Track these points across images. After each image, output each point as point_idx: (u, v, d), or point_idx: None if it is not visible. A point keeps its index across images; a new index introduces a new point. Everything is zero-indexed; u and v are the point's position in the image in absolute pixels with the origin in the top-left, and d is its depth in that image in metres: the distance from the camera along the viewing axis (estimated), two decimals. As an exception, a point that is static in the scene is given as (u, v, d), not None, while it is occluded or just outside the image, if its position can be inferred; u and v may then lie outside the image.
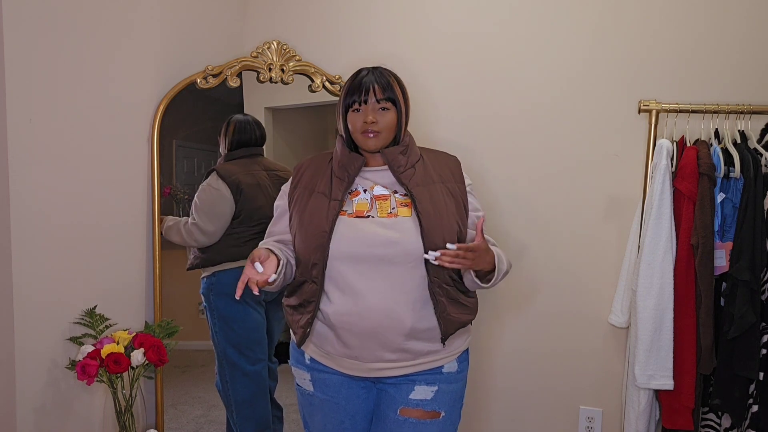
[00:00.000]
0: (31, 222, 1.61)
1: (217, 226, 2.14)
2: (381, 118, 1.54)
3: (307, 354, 1.60)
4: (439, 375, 1.57)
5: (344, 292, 1.50)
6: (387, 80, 1.56)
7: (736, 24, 2.03)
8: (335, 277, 1.50)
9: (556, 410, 2.31)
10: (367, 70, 1.57)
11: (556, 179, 2.23)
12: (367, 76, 1.56)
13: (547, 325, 2.29)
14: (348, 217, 1.52)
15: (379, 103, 1.54)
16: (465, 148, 2.31)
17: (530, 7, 2.22)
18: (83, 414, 1.80)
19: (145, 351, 1.75)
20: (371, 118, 1.52)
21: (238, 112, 2.31)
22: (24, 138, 1.58)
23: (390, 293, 1.48)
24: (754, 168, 1.88)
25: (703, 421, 2.02)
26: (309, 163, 1.65)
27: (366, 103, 1.53)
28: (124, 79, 1.89)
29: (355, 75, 1.57)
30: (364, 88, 1.53)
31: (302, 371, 1.62)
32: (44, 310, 1.67)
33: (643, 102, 2.06)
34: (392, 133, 1.57)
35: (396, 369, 1.53)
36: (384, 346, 1.50)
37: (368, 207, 1.54)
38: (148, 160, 2.01)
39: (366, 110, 1.53)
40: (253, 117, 2.29)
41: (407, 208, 1.54)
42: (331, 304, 1.51)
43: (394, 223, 1.52)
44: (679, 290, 1.93)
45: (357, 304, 1.48)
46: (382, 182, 1.58)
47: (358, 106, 1.54)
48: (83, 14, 1.73)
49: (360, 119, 1.53)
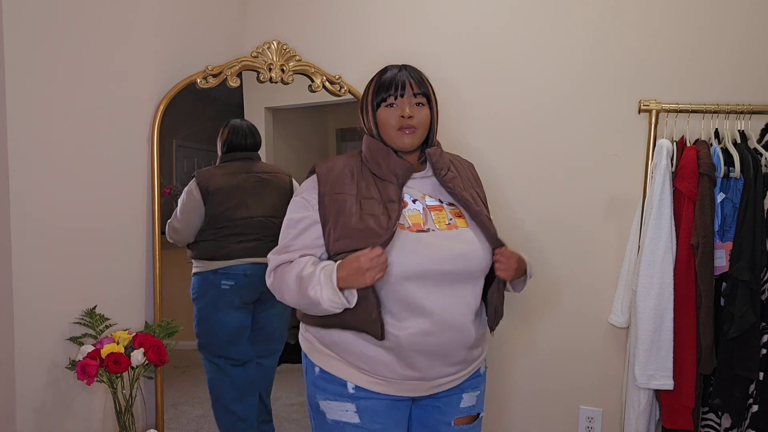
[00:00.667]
0: (31, 222, 1.61)
1: (185, 227, 2.16)
2: (417, 113, 1.47)
3: (351, 383, 1.44)
4: (479, 378, 1.57)
5: (415, 312, 1.38)
6: (420, 76, 1.51)
7: (736, 24, 2.03)
8: (402, 297, 1.38)
9: (556, 410, 2.31)
10: (398, 67, 1.51)
11: (556, 179, 2.23)
12: (401, 71, 1.49)
13: (547, 324, 2.29)
14: (409, 231, 1.41)
15: (416, 97, 1.47)
16: (465, 148, 2.31)
17: (530, 8, 2.22)
18: (83, 414, 1.80)
19: (145, 351, 1.75)
20: (408, 111, 1.45)
21: (238, 112, 2.31)
22: (24, 138, 1.58)
23: (457, 307, 1.42)
24: (754, 168, 1.88)
25: (703, 421, 2.02)
26: (332, 166, 1.50)
27: (402, 97, 1.46)
28: (124, 79, 1.89)
29: (385, 70, 1.51)
30: (399, 82, 1.46)
31: (343, 403, 1.44)
32: (44, 310, 1.67)
33: (643, 102, 2.06)
34: (426, 131, 1.50)
35: (453, 381, 1.49)
36: (448, 362, 1.44)
37: (423, 219, 1.45)
38: (148, 160, 2.01)
39: (403, 104, 1.46)
40: (249, 123, 2.28)
41: (461, 218, 1.49)
42: (401, 326, 1.38)
43: (456, 235, 1.45)
44: (679, 290, 1.92)
45: (431, 323, 1.38)
46: (426, 191, 1.51)
47: (393, 100, 1.46)
48: (83, 14, 1.73)
49: (395, 114, 1.46)
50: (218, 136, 2.26)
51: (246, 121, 2.29)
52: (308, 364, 1.51)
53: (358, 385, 1.43)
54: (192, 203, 2.15)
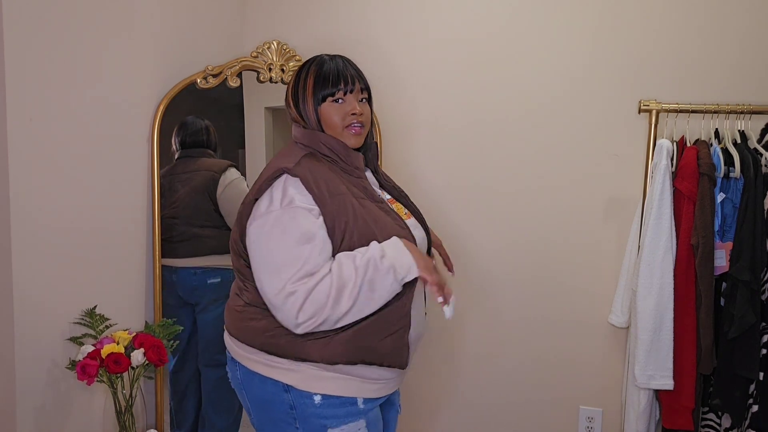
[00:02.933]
0: (31, 222, 1.61)
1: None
2: (364, 110, 1.40)
3: (361, 398, 1.35)
4: None
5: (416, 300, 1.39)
6: (359, 69, 1.43)
7: (736, 24, 2.03)
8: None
9: (556, 410, 2.31)
10: (334, 57, 1.42)
11: (556, 179, 2.23)
12: (344, 64, 1.40)
13: (547, 325, 2.29)
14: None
15: (361, 93, 1.40)
16: (465, 148, 2.31)
17: (530, 8, 2.22)
18: (83, 414, 1.80)
19: (145, 351, 1.75)
20: (359, 109, 1.38)
21: (239, 112, 2.31)
22: (24, 138, 1.58)
23: (423, 295, 1.47)
24: (754, 168, 1.88)
25: (703, 421, 2.02)
26: (306, 166, 1.33)
27: (351, 93, 1.38)
28: (124, 79, 1.89)
29: (322, 62, 1.41)
30: (347, 76, 1.38)
31: (357, 422, 1.34)
32: (44, 310, 1.67)
33: (643, 102, 2.06)
34: (369, 128, 1.44)
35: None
36: (413, 352, 1.44)
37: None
38: (148, 160, 2.01)
39: (351, 101, 1.38)
40: (196, 120, 2.22)
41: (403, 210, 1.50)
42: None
43: (415, 225, 1.46)
44: (679, 290, 1.92)
45: (419, 314, 1.41)
46: (375, 186, 1.48)
47: (342, 95, 1.37)
48: (83, 14, 1.73)
49: (342, 111, 1.37)
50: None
51: (194, 119, 2.22)
52: (297, 397, 1.32)
53: (366, 398, 1.36)
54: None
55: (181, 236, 2.12)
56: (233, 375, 1.44)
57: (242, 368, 1.39)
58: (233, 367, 1.43)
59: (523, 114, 2.25)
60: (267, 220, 1.27)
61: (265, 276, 1.27)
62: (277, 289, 1.24)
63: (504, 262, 2.31)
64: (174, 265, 2.10)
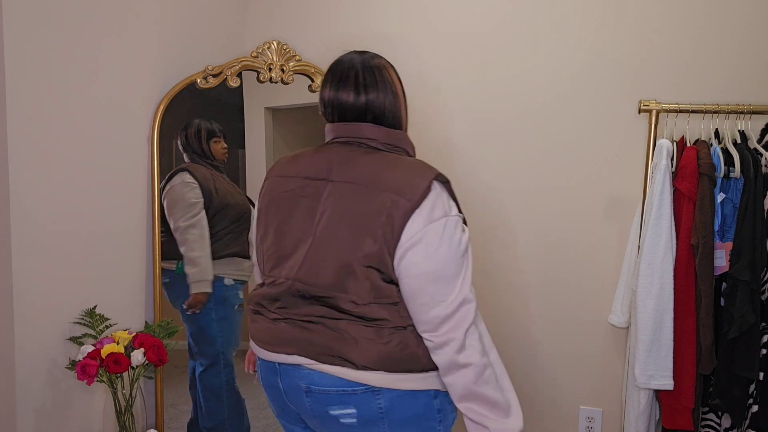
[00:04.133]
0: (31, 221, 1.61)
1: None
2: None
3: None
4: None
5: None
6: None
7: (736, 24, 2.03)
8: None
9: (556, 410, 2.31)
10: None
11: (556, 179, 2.23)
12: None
13: (547, 325, 2.29)
14: None
15: None
16: (465, 147, 2.31)
17: (530, 8, 2.22)
18: (83, 414, 1.80)
19: (145, 351, 1.75)
20: None
21: (239, 112, 2.31)
22: (24, 138, 1.58)
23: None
24: (754, 168, 1.88)
25: (703, 421, 2.02)
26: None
27: None
28: (124, 80, 1.89)
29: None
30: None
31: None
32: (44, 310, 1.67)
33: (643, 102, 2.06)
34: None
35: None
36: None
37: None
38: (148, 160, 2.01)
39: None
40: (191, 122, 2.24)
41: None
42: None
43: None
44: (679, 290, 1.92)
45: None
46: None
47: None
48: (83, 14, 1.73)
49: None
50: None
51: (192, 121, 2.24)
52: (443, 398, 1.35)
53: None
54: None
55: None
56: (367, 408, 1.30)
57: (387, 395, 1.29)
58: (369, 400, 1.30)
59: (523, 114, 2.25)
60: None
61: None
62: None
63: (503, 262, 2.31)
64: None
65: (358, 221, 1.26)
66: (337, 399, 1.29)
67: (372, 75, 1.36)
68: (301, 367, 1.30)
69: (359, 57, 1.38)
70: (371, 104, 1.34)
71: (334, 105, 1.36)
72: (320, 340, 1.28)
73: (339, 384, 1.28)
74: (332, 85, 1.36)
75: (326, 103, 1.37)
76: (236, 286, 2.21)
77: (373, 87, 1.35)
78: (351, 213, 1.27)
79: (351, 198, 1.28)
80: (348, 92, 1.34)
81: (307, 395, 1.31)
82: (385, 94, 1.35)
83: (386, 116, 1.36)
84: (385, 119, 1.36)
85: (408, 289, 1.26)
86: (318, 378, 1.29)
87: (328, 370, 1.28)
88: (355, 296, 1.27)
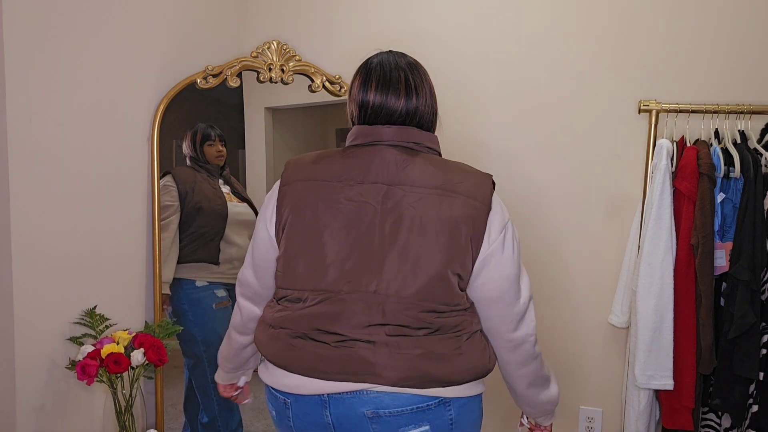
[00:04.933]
0: (31, 221, 1.61)
1: None
2: None
3: None
4: None
5: None
6: None
7: (736, 24, 2.03)
8: None
9: (556, 410, 2.31)
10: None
11: (556, 179, 2.23)
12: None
13: (547, 325, 2.29)
14: None
15: None
16: (464, 147, 2.31)
17: (530, 8, 2.22)
18: (83, 414, 1.80)
19: (145, 351, 1.75)
20: None
21: (238, 112, 2.31)
22: (24, 138, 1.58)
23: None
24: (754, 168, 1.88)
25: (703, 421, 2.02)
26: None
27: None
28: (124, 80, 1.89)
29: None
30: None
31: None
32: (44, 310, 1.67)
33: (643, 102, 2.06)
34: None
35: None
36: None
37: None
38: (148, 160, 2.01)
39: None
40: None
41: None
42: None
43: None
44: (679, 290, 1.92)
45: None
46: None
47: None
48: (83, 14, 1.73)
49: None
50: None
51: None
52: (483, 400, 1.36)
53: None
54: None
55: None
56: (440, 423, 1.24)
57: (456, 404, 1.25)
58: (442, 413, 1.24)
59: (523, 114, 2.25)
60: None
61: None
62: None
63: (504, 262, 2.31)
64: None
65: (445, 227, 1.20)
66: (410, 419, 1.19)
67: (419, 77, 1.32)
68: (362, 392, 1.19)
69: (403, 59, 1.34)
70: (420, 108, 1.30)
71: (381, 108, 1.29)
72: (398, 363, 1.18)
73: (414, 401, 1.19)
74: (380, 88, 1.29)
75: (370, 105, 1.29)
76: (210, 286, 2.19)
77: (421, 90, 1.31)
78: (435, 218, 1.20)
79: (431, 203, 1.21)
80: (398, 95, 1.28)
81: (372, 422, 1.19)
82: (426, 96, 1.32)
83: (426, 118, 1.33)
84: (425, 121, 1.33)
85: (489, 295, 1.26)
86: (389, 400, 1.18)
87: (402, 390, 1.19)
88: (441, 305, 1.21)
